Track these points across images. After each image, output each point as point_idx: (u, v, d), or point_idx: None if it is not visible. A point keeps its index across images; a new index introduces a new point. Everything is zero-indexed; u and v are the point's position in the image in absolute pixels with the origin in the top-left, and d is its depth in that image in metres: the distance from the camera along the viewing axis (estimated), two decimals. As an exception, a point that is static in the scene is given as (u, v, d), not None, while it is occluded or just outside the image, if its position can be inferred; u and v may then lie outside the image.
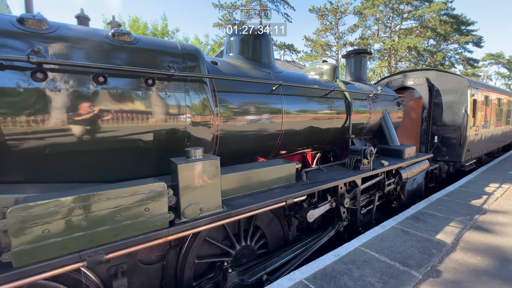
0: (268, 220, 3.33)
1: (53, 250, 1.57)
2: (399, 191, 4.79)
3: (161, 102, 2.42)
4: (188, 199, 2.15)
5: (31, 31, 1.89)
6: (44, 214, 1.53)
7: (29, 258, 1.50)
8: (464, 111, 6.63)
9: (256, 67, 3.68)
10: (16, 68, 1.81)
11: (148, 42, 2.47)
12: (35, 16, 1.91)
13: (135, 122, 2.30)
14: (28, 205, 1.48)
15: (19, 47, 1.83)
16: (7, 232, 1.47)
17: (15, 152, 1.87)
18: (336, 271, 2.58)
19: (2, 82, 1.77)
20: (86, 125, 2.07)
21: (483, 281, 2.45)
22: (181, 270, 2.66)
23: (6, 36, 1.80)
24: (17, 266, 1.47)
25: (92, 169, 2.24)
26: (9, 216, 1.43)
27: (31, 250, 1.51)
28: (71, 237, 1.63)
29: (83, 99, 2.04)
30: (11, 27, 1.84)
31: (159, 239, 1.98)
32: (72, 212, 1.62)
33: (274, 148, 3.82)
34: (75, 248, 1.65)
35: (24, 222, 1.47)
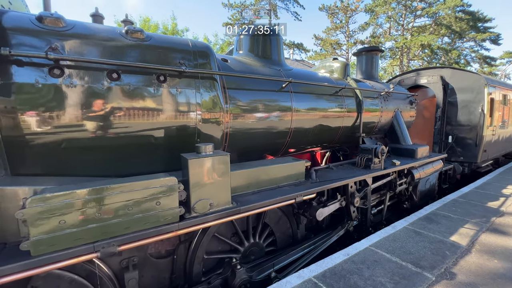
0: (277, 218, 3.33)
1: (68, 241, 1.62)
2: (411, 191, 4.68)
3: (172, 99, 2.45)
4: (198, 194, 2.17)
5: (49, 29, 1.96)
6: (61, 205, 1.58)
7: (46, 248, 1.56)
8: (480, 110, 6.40)
9: (266, 65, 3.68)
10: (34, 65, 1.87)
11: (160, 40, 2.51)
12: (53, 14, 1.97)
13: (147, 118, 2.34)
14: (46, 196, 1.54)
15: (38, 44, 1.89)
16: (26, 222, 1.53)
17: (33, 146, 1.94)
18: (345, 270, 2.55)
19: (22, 78, 1.84)
20: (100, 121, 2.12)
21: (500, 284, 2.36)
22: (190, 265, 2.69)
23: (26, 34, 1.87)
24: (35, 255, 1.53)
25: (105, 163, 2.29)
26: (28, 206, 1.49)
27: (48, 240, 1.56)
28: (85, 228, 1.67)
29: (97, 95, 2.10)
30: (30, 25, 1.91)
31: (169, 233, 2.01)
32: (87, 204, 1.66)
33: (283, 146, 3.81)
34: (90, 239, 1.70)
35: (42, 212, 1.53)
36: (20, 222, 1.61)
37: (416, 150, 4.75)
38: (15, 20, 1.88)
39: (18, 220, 1.61)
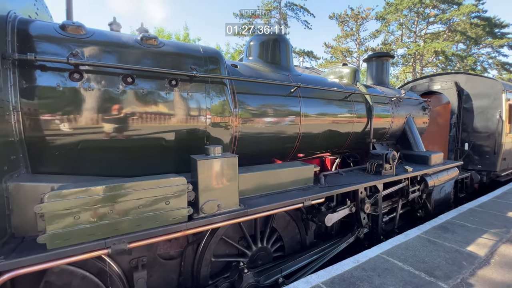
0: (285, 223, 3.30)
1: (82, 236, 1.68)
2: (424, 199, 4.52)
3: (183, 103, 2.53)
4: (206, 195, 2.20)
5: (71, 36, 2.09)
6: (76, 201, 1.65)
7: (61, 242, 1.62)
8: (498, 116, 6.17)
9: (275, 70, 3.73)
10: (56, 70, 2.00)
11: (172, 46, 2.62)
12: (74, 23, 2.11)
13: (159, 121, 2.42)
14: (62, 192, 1.61)
15: (60, 50, 2.02)
16: (43, 216, 1.61)
17: (52, 146, 2.04)
18: (355, 277, 2.48)
19: (45, 82, 1.96)
20: (115, 123, 2.22)
21: (522, 298, 2.23)
22: (198, 267, 2.70)
23: (50, 41, 2.01)
24: (50, 248, 1.59)
25: (118, 164, 2.38)
26: (46, 201, 1.56)
27: (63, 234, 1.63)
28: (98, 225, 1.73)
29: (113, 98, 2.20)
30: (54, 33, 2.05)
31: (178, 233, 2.05)
32: (100, 201, 1.73)
33: (291, 151, 3.81)
34: (101, 236, 1.76)
35: (58, 207, 1.60)
36: (38, 217, 1.69)
37: (429, 156, 4.62)
38: (40, 28, 2.02)
39: (36, 215, 1.69)
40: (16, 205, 1.73)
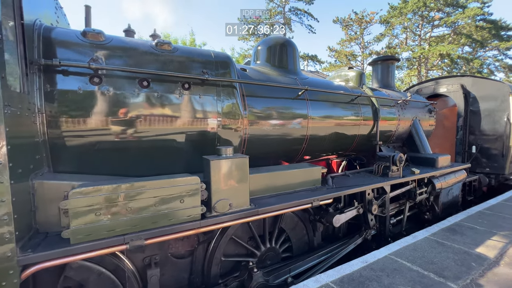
0: (293, 224, 3.34)
1: (102, 231, 1.76)
2: (432, 201, 4.52)
3: (195, 105, 2.62)
4: (218, 195, 2.27)
5: (91, 42, 2.21)
6: (98, 198, 1.73)
7: (83, 237, 1.71)
8: (506, 119, 6.14)
9: (283, 74, 3.81)
10: (78, 74, 2.11)
11: (185, 51, 2.72)
12: (94, 30, 2.22)
13: (172, 123, 2.51)
14: (86, 190, 1.70)
15: (81, 56, 2.13)
16: (67, 213, 1.70)
17: (72, 147, 2.14)
18: (364, 277, 2.51)
19: (67, 86, 2.07)
20: (130, 125, 2.31)
21: (533, 298, 2.23)
22: (209, 266, 2.76)
23: (72, 47, 2.13)
24: (73, 243, 1.68)
25: (132, 164, 2.47)
26: (70, 197, 1.65)
27: (85, 230, 1.71)
28: (117, 221, 1.81)
29: (129, 101, 2.30)
30: (76, 39, 2.17)
31: (191, 230, 2.11)
32: (120, 198, 1.81)
33: (299, 153, 3.86)
34: (120, 232, 1.83)
35: (81, 204, 1.69)
36: (62, 213, 1.78)
37: (436, 159, 4.62)
38: (63, 35, 2.14)
39: (60, 211, 1.78)
40: (41, 202, 1.83)
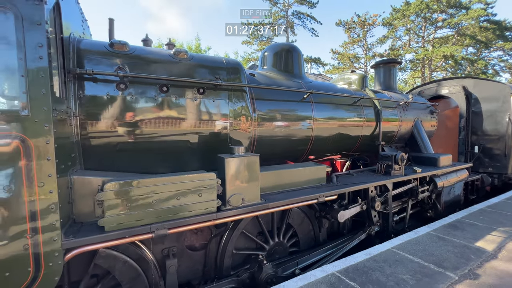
0: (300, 220, 3.52)
1: (132, 221, 1.98)
2: (434, 200, 4.66)
3: (209, 108, 2.84)
4: (232, 190, 2.48)
5: (118, 52, 2.45)
6: (128, 191, 1.96)
7: (116, 226, 1.93)
8: (508, 119, 6.25)
9: (289, 78, 4.03)
10: (106, 81, 2.35)
11: (200, 58, 2.96)
12: (120, 41, 2.47)
13: (187, 125, 2.74)
14: (119, 183, 1.93)
15: (109, 64, 2.38)
16: (101, 204, 1.92)
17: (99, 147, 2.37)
18: (367, 267, 2.68)
19: (97, 92, 2.31)
20: (152, 127, 2.54)
21: (527, 287, 2.38)
22: (221, 258, 2.96)
23: (102, 56, 2.37)
24: (108, 230, 1.90)
25: (152, 162, 2.69)
26: (106, 190, 1.88)
27: (118, 219, 1.93)
28: (144, 212, 2.03)
29: (150, 104, 2.53)
30: (104, 50, 2.41)
31: (208, 222, 2.32)
32: (147, 191, 2.03)
33: (304, 153, 4.06)
34: (147, 221, 2.05)
35: (114, 196, 1.91)
36: (96, 204, 2.00)
37: (438, 158, 4.77)
38: (94, 46, 2.39)
39: (94, 202, 2.01)
40: (76, 195, 2.05)
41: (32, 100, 1.60)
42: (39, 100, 1.62)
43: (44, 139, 1.64)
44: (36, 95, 1.61)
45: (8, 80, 1.57)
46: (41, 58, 1.62)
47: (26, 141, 1.59)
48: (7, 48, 1.55)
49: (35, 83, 1.61)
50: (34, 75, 1.60)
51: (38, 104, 1.62)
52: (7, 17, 1.54)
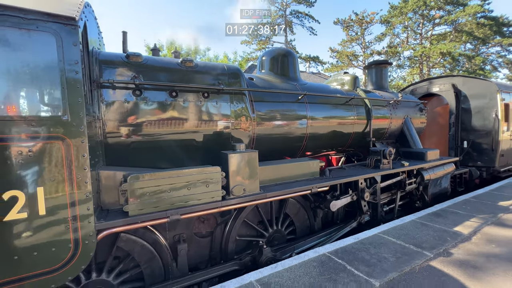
0: (296, 210, 3.89)
1: (150, 207, 2.35)
2: (422, 191, 5.01)
3: (213, 110, 3.19)
4: (235, 181, 2.84)
5: (133, 63, 2.80)
6: (148, 182, 2.32)
7: (138, 211, 2.29)
8: (494, 115, 6.59)
9: (285, 81, 4.38)
10: (124, 88, 2.70)
11: (204, 66, 3.31)
12: (135, 53, 2.82)
13: (194, 125, 3.09)
14: (140, 175, 2.29)
15: (127, 73, 2.73)
16: (125, 193, 2.28)
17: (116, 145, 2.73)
18: (355, 248, 3.04)
19: (117, 98, 2.67)
20: (163, 127, 2.90)
21: (492, 262, 2.73)
22: (226, 244, 3.33)
23: (120, 66, 2.72)
24: (131, 215, 2.26)
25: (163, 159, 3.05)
26: (129, 181, 2.24)
27: (139, 205, 2.30)
28: (161, 200, 2.40)
29: (162, 108, 2.88)
30: (121, 61, 2.77)
31: (215, 209, 2.69)
32: (163, 182, 2.39)
33: (300, 149, 4.41)
34: (163, 208, 2.42)
35: (136, 186, 2.27)
36: (120, 194, 2.36)
37: (425, 153, 5.12)
38: (113, 57, 2.75)
39: (118, 193, 2.37)
40: (103, 187, 2.42)
41: (71, 107, 1.96)
42: (76, 107, 1.98)
43: (80, 139, 2.00)
44: (73, 103, 1.97)
45: (52, 91, 1.92)
46: (77, 72, 1.98)
47: (66, 141, 1.95)
48: (51, 65, 1.90)
49: (73, 93, 1.96)
50: (72, 87, 1.96)
51: (75, 111, 1.97)
52: (51, 40, 1.89)
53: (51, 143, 1.91)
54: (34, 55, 1.86)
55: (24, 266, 1.85)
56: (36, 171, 1.86)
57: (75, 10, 2.06)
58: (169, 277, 2.86)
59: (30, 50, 1.84)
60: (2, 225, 1.78)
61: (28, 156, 1.84)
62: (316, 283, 2.36)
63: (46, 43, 1.89)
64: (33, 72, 1.86)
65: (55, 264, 1.95)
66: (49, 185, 1.90)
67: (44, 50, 1.88)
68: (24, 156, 1.83)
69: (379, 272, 2.53)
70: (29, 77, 1.85)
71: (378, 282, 2.38)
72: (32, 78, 1.86)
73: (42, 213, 1.89)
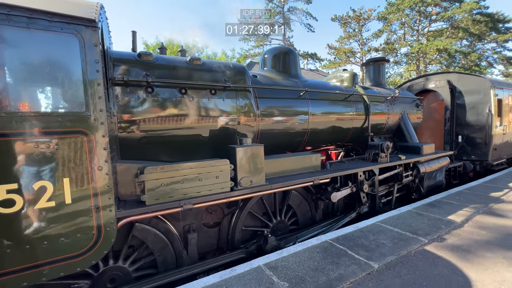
0: (299, 201, 4.08)
1: (166, 197, 2.51)
2: (418, 184, 5.22)
3: (220, 106, 3.35)
4: (242, 173, 3.01)
5: (144, 61, 2.94)
6: (162, 174, 2.48)
7: (154, 200, 2.46)
8: (488, 110, 6.81)
9: (286, 78, 4.53)
10: (137, 86, 2.85)
11: (211, 64, 3.45)
12: (146, 52, 2.96)
13: (202, 121, 3.25)
14: (155, 168, 2.45)
15: (139, 72, 2.87)
16: (141, 184, 2.44)
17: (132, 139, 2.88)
18: (355, 236, 3.24)
19: (130, 95, 2.81)
20: (173, 123, 3.05)
21: (482, 246, 2.95)
22: (232, 234, 3.50)
23: (132, 65, 2.87)
24: (148, 204, 2.43)
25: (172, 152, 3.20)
26: (145, 173, 2.40)
27: (155, 195, 2.46)
28: (174, 190, 2.56)
29: (172, 105, 3.03)
30: (134, 60, 2.91)
31: (224, 199, 2.86)
32: (176, 174, 2.55)
33: (301, 144, 4.59)
34: (176, 198, 2.58)
35: (152, 177, 2.44)
36: (136, 186, 2.52)
37: (421, 147, 5.32)
38: (125, 56, 2.89)
39: (135, 184, 2.53)
40: (120, 179, 2.57)
41: (93, 104, 2.10)
42: (97, 104, 2.13)
43: (101, 133, 2.15)
44: (95, 100, 2.11)
45: (76, 89, 2.07)
46: (98, 71, 2.12)
47: (89, 135, 2.10)
48: (75, 65, 2.04)
49: (94, 90, 2.11)
50: (94, 85, 2.11)
51: (97, 107, 2.12)
52: (74, 41, 2.03)
53: (75, 137, 2.06)
54: (60, 56, 2.00)
55: (53, 251, 2.01)
56: (61, 164, 2.01)
57: (93, 12, 2.20)
58: (181, 264, 3.03)
59: (56, 51, 1.99)
60: (33, 213, 1.93)
61: (55, 149, 1.99)
62: (320, 266, 2.55)
63: (70, 44, 2.03)
64: (59, 71, 2.00)
65: (81, 249, 2.11)
66: (74, 176, 2.05)
67: (68, 50, 2.02)
68: (51, 150, 1.98)
69: (377, 256, 2.73)
70: (55, 76, 1.99)
71: (377, 264, 2.58)
72: (58, 77, 2.00)
73: (68, 202, 2.05)
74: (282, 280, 2.34)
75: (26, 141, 1.89)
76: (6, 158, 1.84)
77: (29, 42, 1.91)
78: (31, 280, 1.95)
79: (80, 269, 2.15)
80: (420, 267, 2.54)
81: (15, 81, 1.89)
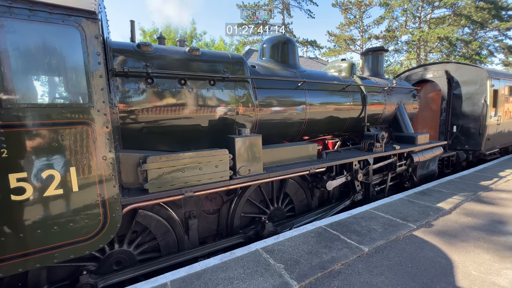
0: (295, 189, 4.22)
1: (168, 185, 2.63)
2: (411, 173, 5.39)
3: (219, 97, 3.41)
4: (241, 163, 3.12)
5: (144, 52, 2.97)
6: (165, 163, 2.58)
7: (156, 188, 2.57)
8: (483, 101, 6.90)
9: (285, 68, 4.56)
10: (137, 77, 2.89)
11: (210, 54, 3.48)
12: (146, 43, 2.98)
13: (201, 111, 3.31)
14: (158, 157, 2.55)
15: (138, 62, 2.91)
16: (144, 173, 2.55)
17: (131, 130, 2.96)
18: (348, 222, 3.41)
19: (131, 86, 2.86)
20: (173, 113, 3.11)
21: (466, 231, 3.13)
22: (231, 220, 3.66)
23: (132, 56, 2.90)
24: (151, 192, 2.54)
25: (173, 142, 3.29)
26: (148, 162, 2.50)
27: (157, 183, 2.57)
28: (176, 178, 2.67)
29: (172, 95, 3.09)
30: (133, 50, 2.93)
31: (224, 187, 2.98)
32: (178, 163, 2.66)
33: (299, 134, 4.68)
34: (178, 186, 2.70)
35: (155, 166, 2.54)
36: (139, 174, 2.63)
37: (416, 137, 5.44)
38: (125, 47, 2.91)
39: (138, 173, 2.64)
40: (122, 168, 2.67)
41: (96, 95, 2.16)
42: (100, 95, 2.19)
43: (104, 124, 2.22)
44: (97, 91, 2.17)
45: (79, 80, 2.12)
46: (99, 63, 2.17)
47: (93, 126, 2.18)
48: (77, 57, 2.09)
49: (97, 82, 2.16)
50: (96, 77, 2.16)
51: (99, 98, 2.18)
52: (75, 33, 2.06)
53: (80, 128, 2.13)
54: (62, 48, 2.04)
55: (63, 235, 2.14)
56: (68, 153, 2.10)
57: (93, 3, 2.21)
58: (182, 248, 3.20)
59: (58, 43, 2.02)
60: (43, 200, 2.04)
61: (61, 139, 2.07)
62: (314, 250, 2.72)
63: (71, 36, 2.06)
64: (62, 63, 2.05)
65: (89, 234, 2.24)
66: (80, 165, 2.15)
67: (70, 43, 2.06)
68: (57, 140, 2.06)
69: (368, 240, 2.90)
70: (59, 68, 2.04)
71: (367, 248, 2.75)
72: (62, 69, 2.05)
73: (75, 189, 2.16)
74: (278, 262, 2.50)
75: (33, 132, 1.97)
76: (15, 149, 1.92)
77: (31, 35, 1.94)
78: (44, 262, 2.09)
79: (88, 252, 2.28)
80: (407, 250, 2.71)
81: (20, 73, 1.94)
